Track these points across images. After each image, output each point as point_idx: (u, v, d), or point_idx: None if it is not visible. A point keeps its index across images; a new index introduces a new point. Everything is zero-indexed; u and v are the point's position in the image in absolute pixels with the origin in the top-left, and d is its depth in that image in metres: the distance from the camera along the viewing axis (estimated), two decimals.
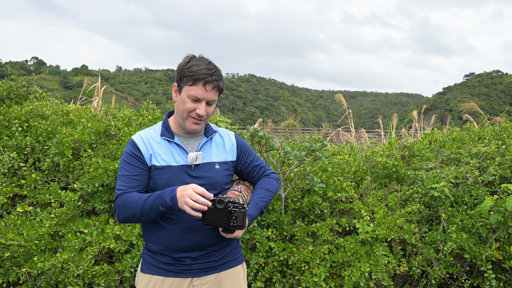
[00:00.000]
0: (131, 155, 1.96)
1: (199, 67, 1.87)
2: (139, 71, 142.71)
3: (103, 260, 3.06)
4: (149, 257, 2.00)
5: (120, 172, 1.96)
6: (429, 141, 4.17)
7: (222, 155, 2.08)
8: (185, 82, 1.90)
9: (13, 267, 2.95)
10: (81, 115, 3.93)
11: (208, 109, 1.95)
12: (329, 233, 3.04)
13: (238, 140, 2.19)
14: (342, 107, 10.22)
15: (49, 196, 3.13)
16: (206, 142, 2.06)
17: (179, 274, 1.95)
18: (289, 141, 3.51)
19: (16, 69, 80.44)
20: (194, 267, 1.96)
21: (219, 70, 1.95)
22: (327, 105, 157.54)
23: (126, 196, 1.88)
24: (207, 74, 1.87)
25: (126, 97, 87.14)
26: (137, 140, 1.98)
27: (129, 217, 1.88)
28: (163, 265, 1.96)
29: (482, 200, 3.18)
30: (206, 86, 1.87)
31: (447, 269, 3.08)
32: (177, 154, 1.97)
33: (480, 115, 7.47)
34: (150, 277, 1.97)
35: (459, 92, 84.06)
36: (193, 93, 1.88)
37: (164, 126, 2.03)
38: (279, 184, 2.25)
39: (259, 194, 2.10)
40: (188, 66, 1.89)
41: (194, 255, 1.95)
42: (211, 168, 2.01)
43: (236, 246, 2.14)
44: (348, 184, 3.27)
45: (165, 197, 1.80)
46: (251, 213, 1.98)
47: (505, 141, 3.68)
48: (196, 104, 1.90)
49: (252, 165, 2.20)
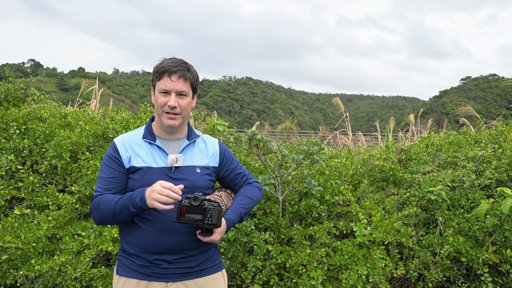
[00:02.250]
0: (110, 158, 1.99)
1: (165, 63, 1.95)
2: (136, 73, 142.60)
3: (101, 263, 3.05)
4: (124, 258, 1.99)
5: (99, 174, 2.01)
6: (426, 145, 4.19)
7: (204, 159, 2.09)
8: (155, 80, 1.97)
9: (10, 270, 2.95)
10: (79, 117, 3.93)
11: (180, 102, 1.97)
12: (327, 236, 3.05)
13: (222, 147, 2.21)
14: (339, 110, 10.25)
15: (47, 199, 3.13)
16: (188, 145, 2.07)
17: (153, 278, 1.93)
18: (287, 144, 3.52)
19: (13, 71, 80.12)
20: (169, 271, 1.94)
21: (187, 63, 1.99)
22: (324, 108, 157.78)
23: (100, 198, 1.91)
24: (172, 65, 1.93)
25: (123, 100, 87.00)
26: (117, 142, 2.02)
27: (102, 218, 1.91)
28: (138, 268, 1.94)
29: (478, 203, 3.19)
30: (171, 76, 1.93)
31: (444, 272, 3.09)
32: (158, 156, 1.99)
33: (476, 119, 7.51)
34: (125, 280, 1.96)
35: (455, 95, 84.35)
36: (161, 86, 1.94)
37: (147, 129, 2.06)
38: (262, 194, 2.26)
39: (240, 201, 2.10)
40: (157, 65, 1.97)
41: (169, 258, 1.93)
42: (191, 171, 2.01)
43: (215, 254, 2.13)
44: (346, 187, 3.28)
45: (135, 198, 1.81)
46: (230, 217, 1.98)
47: (502, 144, 3.70)
48: (167, 97, 1.95)
49: (235, 172, 2.21)
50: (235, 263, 3.00)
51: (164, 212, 1.91)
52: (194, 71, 2.02)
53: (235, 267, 3.02)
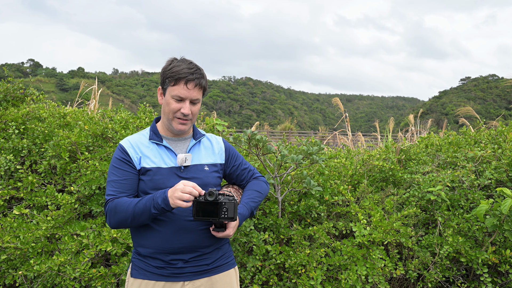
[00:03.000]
0: (120, 160, 1.97)
1: (180, 67, 1.92)
2: (135, 73, 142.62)
3: (100, 263, 3.05)
4: (139, 261, 1.98)
5: (110, 178, 1.96)
6: (425, 145, 4.19)
7: (211, 157, 2.11)
8: (168, 83, 1.95)
9: (9, 270, 2.94)
10: (78, 117, 3.92)
11: (193, 108, 1.98)
12: (326, 237, 3.05)
13: (226, 144, 2.24)
14: (338, 110, 10.25)
15: (46, 199, 3.12)
16: (195, 144, 2.09)
17: (170, 278, 1.93)
18: (286, 144, 3.51)
19: (12, 71, 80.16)
20: (185, 270, 1.95)
21: (201, 69, 1.99)
22: (323, 109, 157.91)
23: (116, 201, 1.88)
24: (188, 73, 1.91)
25: (123, 100, 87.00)
26: (125, 144, 2.00)
27: (120, 222, 1.88)
28: (153, 269, 1.94)
29: (478, 203, 3.19)
30: (188, 84, 1.91)
31: (443, 272, 3.09)
32: (166, 156, 2.00)
33: (476, 119, 7.51)
34: (141, 282, 1.95)
35: (455, 96, 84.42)
36: (176, 92, 1.92)
37: (152, 130, 2.06)
38: (268, 187, 2.28)
39: (249, 195, 2.12)
40: (170, 68, 1.94)
41: (185, 257, 1.94)
42: (200, 170, 2.03)
43: (228, 250, 2.14)
44: (345, 187, 3.28)
45: (157, 199, 1.80)
46: (242, 212, 2.00)
47: (501, 145, 3.70)
48: (180, 103, 1.94)
49: (241, 168, 2.23)
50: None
51: (178, 212, 1.92)
52: (205, 75, 2.03)
53: None
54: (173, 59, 1.99)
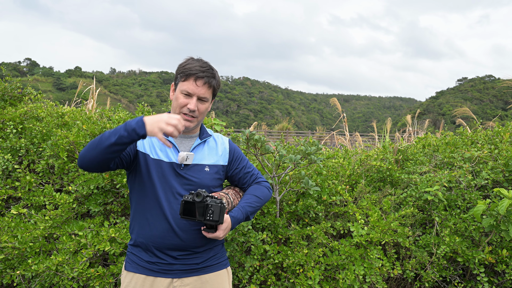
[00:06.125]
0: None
1: (193, 65, 1.98)
2: (133, 73, 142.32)
3: (98, 263, 3.05)
4: (132, 255, 2.03)
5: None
6: (422, 145, 4.20)
7: (213, 157, 2.12)
8: (179, 79, 2.00)
9: (7, 270, 2.94)
10: (76, 117, 3.92)
11: (200, 106, 2.00)
12: (324, 236, 3.06)
13: (231, 146, 2.23)
14: (336, 110, 10.27)
15: (44, 198, 3.12)
16: (199, 144, 2.10)
17: (159, 274, 1.97)
18: (284, 144, 3.52)
19: (9, 70, 79.83)
20: (174, 267, 1.98)
21: (214, 70, 2.03)
22: (321, 109, 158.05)
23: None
24: (199, 71, 1.96)
25: (120, 99, 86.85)
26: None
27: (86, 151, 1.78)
28: (144, 264, 1.98)
29: (475, 204, 3.21)
30: (197, 81, 1.95)
31: (440, 272, 3.10)
32: (170, 151, 2.02)
33: (473, 120, 7.54)
34: (133, 275, 2.00)
35: (452, 96, 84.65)
36: (185, 87, 1.96)
37: None
38: (271, 193, 2.27)
39: (247, 199, 2.12)
40: (184, 65, 2.00)
41: (174, 254, 1.97)
42: (200, 170, 2.04)
43: (221, 251, 2.15)
44: (343, 187, 3.29)
45: (131, 122, 1.72)
46: (236, 215, 2.00)
47: (498, 145, 3.72)
48: (188, 99, 1.97)
49: (244, 171, 2.22)
50: (232, 263, 3.01)
51: (173, 211, 1.95)
52: (218, 78, 2.06)
53: (232, 267, 3.02)
54: (190, 58, 2.04)
